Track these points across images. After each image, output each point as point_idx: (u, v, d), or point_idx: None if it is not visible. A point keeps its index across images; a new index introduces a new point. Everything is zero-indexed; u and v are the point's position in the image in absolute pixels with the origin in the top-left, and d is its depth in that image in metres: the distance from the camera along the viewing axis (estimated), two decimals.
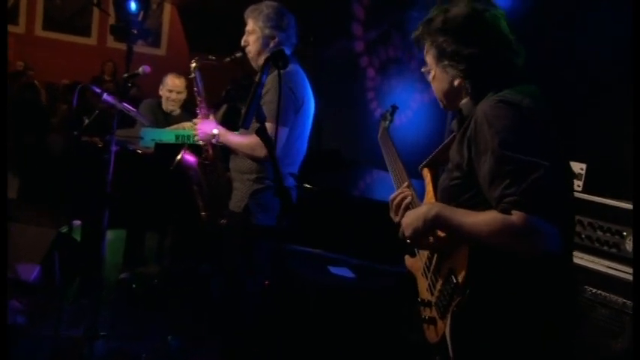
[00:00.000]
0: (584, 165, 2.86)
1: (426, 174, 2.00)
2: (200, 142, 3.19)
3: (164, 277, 4.58)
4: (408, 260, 2.03)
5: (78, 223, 4.36)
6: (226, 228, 3.08)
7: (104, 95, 3.40)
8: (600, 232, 2.60)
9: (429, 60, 1.85)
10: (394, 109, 2.52)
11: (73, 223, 4.03)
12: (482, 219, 1.55)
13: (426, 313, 1.78)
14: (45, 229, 4.24)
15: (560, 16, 3.38)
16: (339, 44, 5.62)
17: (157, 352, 3.51)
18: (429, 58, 1.84)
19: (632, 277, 2.42)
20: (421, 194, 1.94)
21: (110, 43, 9.28)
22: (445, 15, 1.76)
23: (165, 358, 3.53)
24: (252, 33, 3.00)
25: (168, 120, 4.65)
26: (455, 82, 1.78)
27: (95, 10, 8.87)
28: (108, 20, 8.54)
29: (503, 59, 1.73)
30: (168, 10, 9.69)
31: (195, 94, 3.31)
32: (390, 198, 1.94)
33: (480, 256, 1.57)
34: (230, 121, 3.86)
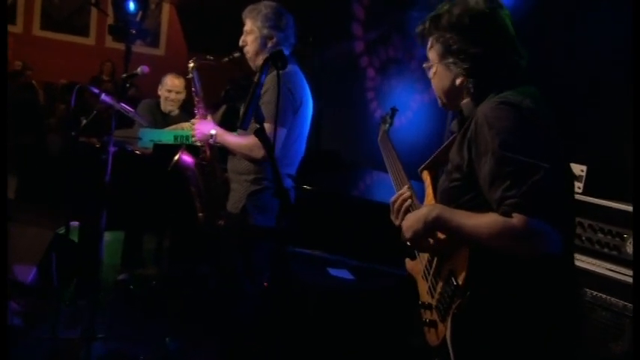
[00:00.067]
0: (584, 167, 2.86)
1: (426, 176, 1.98)
2: (197, 143, 3.18)
3: (162, 279, 4.58)
4: (408, 263, 2.02)
5: (76, 224, 4.34)
6: (224, 229, 3.06)
7: (102, 95, 3.39)
8: (601, 235, 2.59)
9: (431, 56, 1.82)
10: (394, 111, 2.51)
11: (70, 224, 4.02)
12: (483, 221, 1.54)
13: (427, 315, 1.77)
14: (43, 229, 4.21)
15: (561, 16, 3.37)
16: (339, 44, 5.61)
17: (155, 353, 3.49)
18: (432, 53, 1.81)
19: (632, 280, 2.41)
20: (421, 197, 1.93)
21: (108, 43, 9.25)
22: (454, 11, 1.73)
23: (164, 359, 3.51)
24: (251, 33, 2.99)
25: (166, 120, 4.64)
26: (457, 81, 1.76)
27: (93, 10, 8.85)
28: (106, 20, 8.51)
29: (508, 60, 1.72)
30: (166, 10, 9.67)
31: (193, 94, 3.30)
32: (391, 201, 1.93)
33: (480, 258, 1.56)
34: (229, 122, 3.84)
